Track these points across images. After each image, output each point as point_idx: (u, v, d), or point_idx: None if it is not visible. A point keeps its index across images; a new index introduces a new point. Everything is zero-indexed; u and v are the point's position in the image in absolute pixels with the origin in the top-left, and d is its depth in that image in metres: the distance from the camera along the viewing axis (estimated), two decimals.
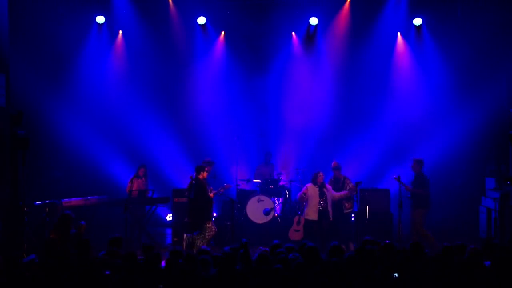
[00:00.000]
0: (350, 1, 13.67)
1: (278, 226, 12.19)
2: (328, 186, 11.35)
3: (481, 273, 6.21)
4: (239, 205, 12.37)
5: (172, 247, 11.01)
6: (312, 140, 14.06)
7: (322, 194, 11.17)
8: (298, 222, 11.79)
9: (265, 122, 14.37)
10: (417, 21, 13.50)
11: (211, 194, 10.57)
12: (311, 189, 11.23)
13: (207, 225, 10.41)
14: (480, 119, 12.74)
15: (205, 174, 10.61)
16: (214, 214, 12.79)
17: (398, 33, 13.80)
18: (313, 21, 13.82)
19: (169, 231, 13.04)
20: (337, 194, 11.30)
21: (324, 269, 6.15)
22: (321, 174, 11.28)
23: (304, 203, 11.34)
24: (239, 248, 6.85)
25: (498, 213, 11.40)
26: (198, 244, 10.26)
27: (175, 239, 11.87)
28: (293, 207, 12.70)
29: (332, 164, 11.82)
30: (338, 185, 11.58)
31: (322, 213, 11.15)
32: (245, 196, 12.54)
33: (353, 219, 11.77)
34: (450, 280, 6.09)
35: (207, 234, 10.37)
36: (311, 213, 11.21)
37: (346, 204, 11.52)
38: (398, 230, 10.47)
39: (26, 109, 10.56)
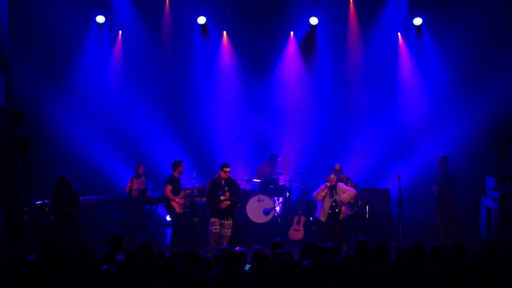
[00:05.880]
0: (350, 1, 13.68)
1: (278, 226, 12.19)
2: (341, 186, 10.96)
3: (482, 273, 6.21)
4: (239, 205, 12.35)
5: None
6: (312, 140, 14.05)
7: (332, 196, 10.86)
8: (298, 222, 11.79)
9: (265, 121, 14.35)
10: (417, 21, 13.50)
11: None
12: (325, 190, 10.94)
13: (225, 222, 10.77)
14: (480, 118, 12.73)
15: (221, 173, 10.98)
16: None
17: (398, 33, 13.79)
18: (313, 20, 13.83)
19: (169, 231, 13.03)
20: (343, 197, 10.86)
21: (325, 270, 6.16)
22: (332, 177, 10.89)
23: (318, 203, 11.10)
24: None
25: (498, 213, 11.40)
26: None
27: None
28: (293, 207, 12.69)
29: (335, 166, 11.81)
30: None
31: (332, 215, 10.85)
32: (245, 195, 12.52)
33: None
34: (451, 279, 6.09)
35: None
36: (321, 214, 10.97)
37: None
38: (398, 230, 10.47)
39: (26, 109, 10.55)
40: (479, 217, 12.30)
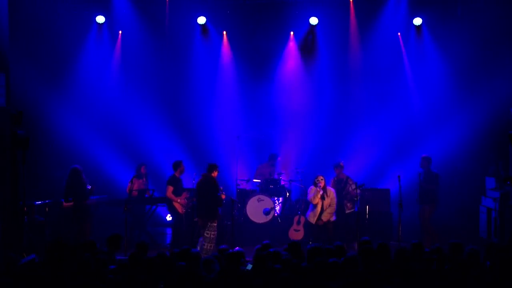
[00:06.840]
0: (350, 1, 13.68)
1: (278, 226, 12.19)
2: (331, 190, 11.22)
3: (481, 272, 6.21)
4: (239, 205, 12.36)
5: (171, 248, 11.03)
6: (312, 140, 14.05)
7: (323, 198, 11.09)
8: (298, 222, 11.78)
9: (265, 121, 14.36)
10: (417, 21, 13.51)
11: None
12: (314, 192, 11.16)
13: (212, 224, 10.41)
14: (480, 119, 12.75)
15: (215, 173, 10.69)
16: None
17: (398, 33, 13.79)
18: (313, 20, 13.83)
19: (169, 231, 13.03)
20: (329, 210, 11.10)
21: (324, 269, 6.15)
22: (320, 178, 11.14)
23: (310, 205, 11.26)
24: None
25: (498, 213, 11.40)
26: (204, 246, 10.32)
27: None
28: (293, 207, 12.69)
29: (340, 163, 11.85)
30: (340, 185, 11.57)
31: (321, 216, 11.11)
32: (245, 196, 12.53)
33: None
34: (450, 279, 6.10)
35: (211, 233, 10.38)
36: (311, 215, 11.20)
37: (348, 205, 11.53)
38: (398, 230, 10.48)
39: (26, 109, 10.54)
40: (479, 217, 12.32)
